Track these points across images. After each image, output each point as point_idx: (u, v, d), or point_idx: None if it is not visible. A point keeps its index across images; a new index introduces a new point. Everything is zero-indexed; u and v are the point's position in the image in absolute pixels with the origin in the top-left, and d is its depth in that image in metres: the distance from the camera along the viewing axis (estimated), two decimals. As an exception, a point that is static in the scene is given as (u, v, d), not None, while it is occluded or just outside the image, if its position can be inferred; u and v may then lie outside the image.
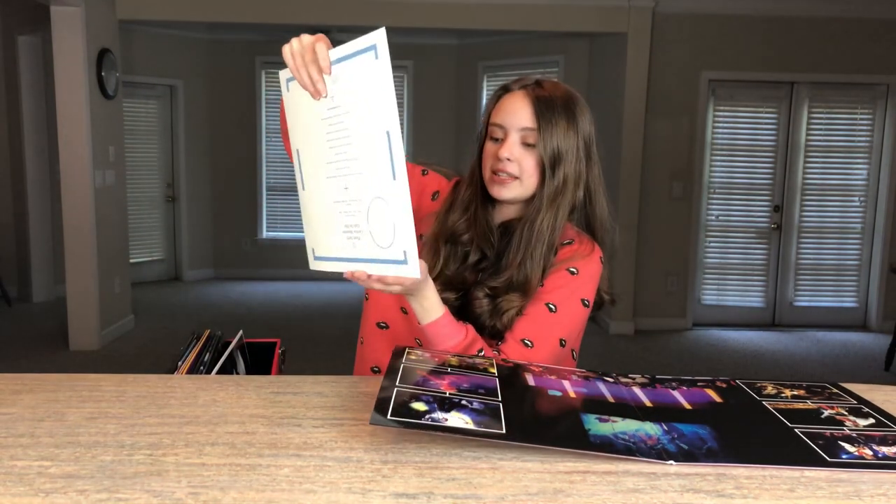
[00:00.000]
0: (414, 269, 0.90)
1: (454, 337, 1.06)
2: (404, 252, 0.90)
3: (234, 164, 6.95)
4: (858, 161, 5.42)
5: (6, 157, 5.80)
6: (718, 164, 5.43)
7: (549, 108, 1.12)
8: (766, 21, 5.19)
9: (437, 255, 1.18)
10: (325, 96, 0.94)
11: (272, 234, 7.09)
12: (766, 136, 5.39)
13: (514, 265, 1.13)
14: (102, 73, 4.55)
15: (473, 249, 1.17)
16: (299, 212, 1.08)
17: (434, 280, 1.09)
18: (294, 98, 1.01)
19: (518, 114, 1.13)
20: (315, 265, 1.06)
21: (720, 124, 5.39)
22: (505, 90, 1.17)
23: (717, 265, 5.56)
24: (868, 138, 5.39)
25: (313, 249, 1.06)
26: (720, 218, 5.49)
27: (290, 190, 6.97)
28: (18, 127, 5.64)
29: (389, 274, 0.93)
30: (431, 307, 1.04)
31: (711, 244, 5.52)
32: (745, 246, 5.53)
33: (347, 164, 0.93)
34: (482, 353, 1.07)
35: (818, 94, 5.34)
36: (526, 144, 1.13)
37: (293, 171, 1.09)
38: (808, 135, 5.38)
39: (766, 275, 5.54)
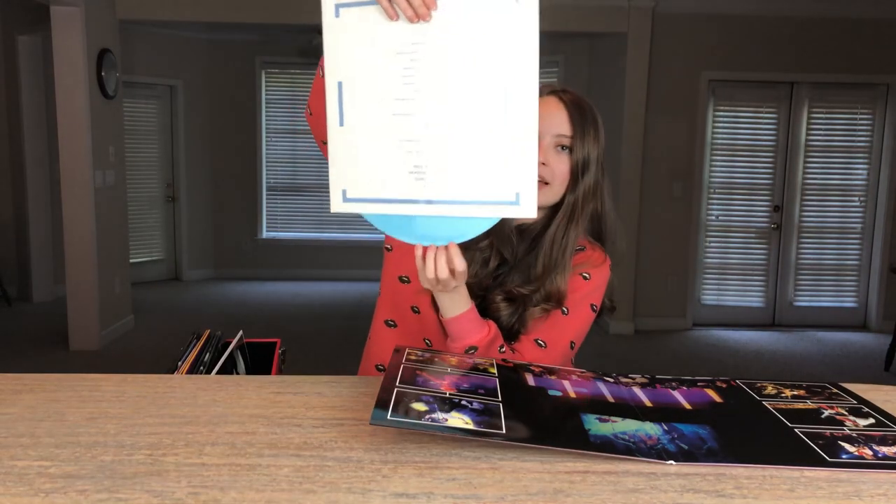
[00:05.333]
0: (529, 209, 0.88)
1: (479, 332, 1.07)
2: (517, 193, 0.88)
3: (234, 164, 6.95)
4: (858, 161, 5.41)
5: (6, 156, 5.79)
6: (718, 164, 5.43)
7: (582, 115, 1.13)
8: (766, 21, 5.19)
9: None
10: (429, 21, 0.88)
11: (272, 234, 7.08)
12: (766, 136, 5.39)
13: (546, 276, 1.13)
14: (102, 73, 4.55)
15: (493, 254, 1.17)
16: (299, 212, 1.07)
17: None
18: (345, 27, 0.93)
19: (553, 119, 1.13)
20: (344, 207, 0.97)
21: (720, 124, 5.38)
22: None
23: (717, 265, 5.56)
24: (868, 138, 5.38)
25: (344, 191, 0.97)
26: (720, 218, 5.49)
27: (289, 190, 6.97)
28: (18, 127, 5.64)
29: (486, 215, 0.91)
30: (461, 299, 1.05)
31: (711, 244, 5.52)
32: (745, 246, 5.52)
33: (436, 102, 0.89)
34: (503, 350, 1.09)
35: (818, 94, 5.33)
36: (558, 150, 1.13)
37: (293, 171, 1.06)
38: (808, 135, 5.38)
39: (766, 275, 5.54)
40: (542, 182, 1.13)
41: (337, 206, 0.98)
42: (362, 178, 0.96)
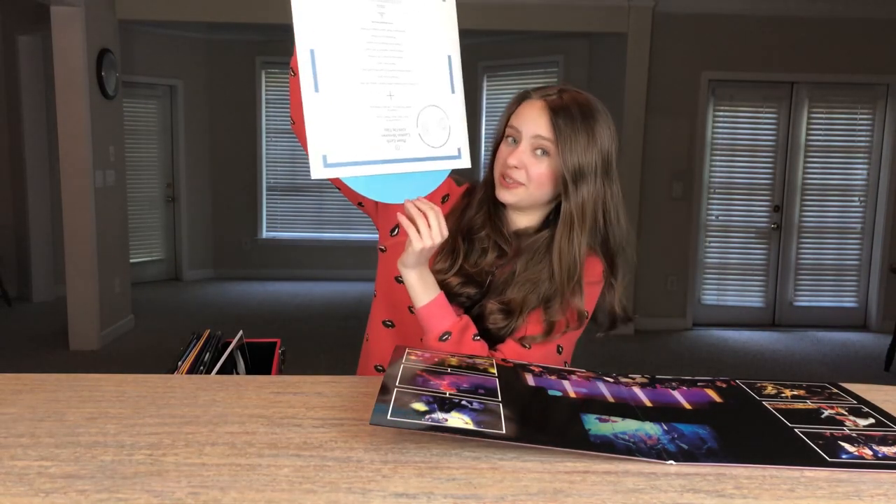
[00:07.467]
0: (466, 161, 1.08)
1: (452, 316, 1.09)
2: (458, 149, 1.08)
3: (234, 164, 6.95)
4: (858, 161, 5.41)
5: (6, 157, 5.79)
6: (718, 164, 5.42)
7: (570, 120, 1.10)
8: (766, 21, 5.19)
9: (457, 250, 1.18)
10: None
11: (272, 234, 7.08)
12: (766, 136, 5.39)
13: (565, 292, 1.12)
14: (102, 73, 4.55)
15: (491, 246, 1.18)
16: (299, 212, 1.08)
17: (454, 275, 1.15)
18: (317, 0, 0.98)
19: (534, 122, 1.12)
20: (325, 173, 0.97)
21: (720, 124, 5.38)
22: (526, 96, 1.17)
23: (717, 265, 5.56)
24: (868, 138, 5.38)
25: (325, 156, 0.97)
26: (720, 218, 5.49)
27: (289, 190, 6.97)
28: (18, 127, 5.64)
29: (440, 168, 1.06)
30: (432, 283, 1.09)
31: (711, 244, 5.52)
32: (745, 246, 5.52)
33: (395, 75, 1.01)
34: (477, 339, 1.09)
35: (818, 94, 5.33)
36: (536, 153, 1.12)
37: (293, 171, 1.09)
38: (808, 135, 5.38)
39: (766, 275, 5.54)
40: (518, 183, 1.13)
41: (318, 172, 0.97)
42: (341, 143, 0.98)
